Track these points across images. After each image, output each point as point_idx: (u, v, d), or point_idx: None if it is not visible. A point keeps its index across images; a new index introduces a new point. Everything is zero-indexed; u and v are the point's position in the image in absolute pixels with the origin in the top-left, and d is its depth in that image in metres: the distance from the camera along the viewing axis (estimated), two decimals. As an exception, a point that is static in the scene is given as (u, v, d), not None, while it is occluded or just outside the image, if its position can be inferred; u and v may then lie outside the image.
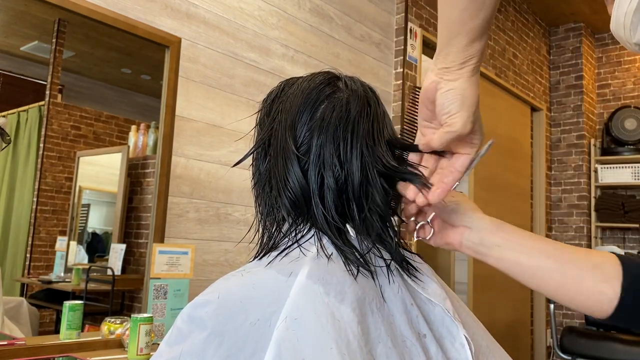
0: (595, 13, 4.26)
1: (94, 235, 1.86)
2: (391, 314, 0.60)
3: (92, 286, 1.79)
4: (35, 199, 1.66)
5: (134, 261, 1.81)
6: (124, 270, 1.80)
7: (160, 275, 1.64)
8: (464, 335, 0.63)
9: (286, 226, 0.67)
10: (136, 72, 2.01)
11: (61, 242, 1.74)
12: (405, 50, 2.85)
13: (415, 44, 2.92)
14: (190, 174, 1.90)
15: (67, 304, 1.50)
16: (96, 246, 1.86)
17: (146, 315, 1.46)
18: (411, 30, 2.87)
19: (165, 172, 1.80)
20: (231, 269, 1.50)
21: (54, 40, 1.70)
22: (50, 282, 1.70)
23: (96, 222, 1.87)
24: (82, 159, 1.77)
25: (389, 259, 0.65)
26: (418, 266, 0.68)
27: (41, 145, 1.67)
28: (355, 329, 0.55)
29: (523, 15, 4.20)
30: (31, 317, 1.64)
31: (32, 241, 1.66)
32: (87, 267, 1.81)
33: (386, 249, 0.66)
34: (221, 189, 2.00)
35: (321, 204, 0.64)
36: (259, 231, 0.70)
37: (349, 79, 0.72)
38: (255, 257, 0.67)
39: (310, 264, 0.60)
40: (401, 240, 0.69)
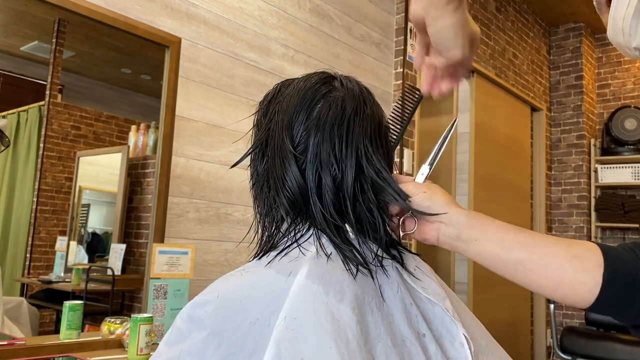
0: (595, 13, 4.24)
1: (94, 235, 1.86)
2: (390, 313, 0.60)
3: (92, 286, 1.79)
4: (35, 199, 1.66)
5: (134, 261, 1.81)
6: (124, 270, 1.80)
7: (160, 275, 1.64)
8: (463, 334, 0.63)
9: (285, 226, 0.67)
10: (136, 72, 2.01)
11: (61, 242, 1.74)
12: (405, 50, 2.85)
13: (415, 44, 2.92)
14: (190, 174, 1.91)
15: (67, 304, 1.50)
16: (96, 246, 1.86)
17: (146, 315, 1.47)
18: (411, 30, 2.87)
19: (165, 172, 1.80)
20: (231, 269, 1.50)
21: (54, 40, 1.70)
22: (50, 282, 1.70)
23: (96, 222, 1.88)
24: (82, 159, 1.77)
25: (382, 255, 0.65)
26: (417, 265, 0.68)
27: (41, 145, 1.67)
28: (355, 328, 0.55)
29: (523, 15, 4.20)
30: (31, 317, 1.64)
31: (32, 241, 1.66)
32: (87, 267, 1.81)
33: (381, 246, 0.66)
34: (221, 189, 2.00)
35: (319, 203, 0.64)
36: (258, 231, 0.70)
37: (344, 78, 0.72)
38: (255, 256, 0.67)
39: (310, 263, 0.60)
40: (401, 240, 0.69)
